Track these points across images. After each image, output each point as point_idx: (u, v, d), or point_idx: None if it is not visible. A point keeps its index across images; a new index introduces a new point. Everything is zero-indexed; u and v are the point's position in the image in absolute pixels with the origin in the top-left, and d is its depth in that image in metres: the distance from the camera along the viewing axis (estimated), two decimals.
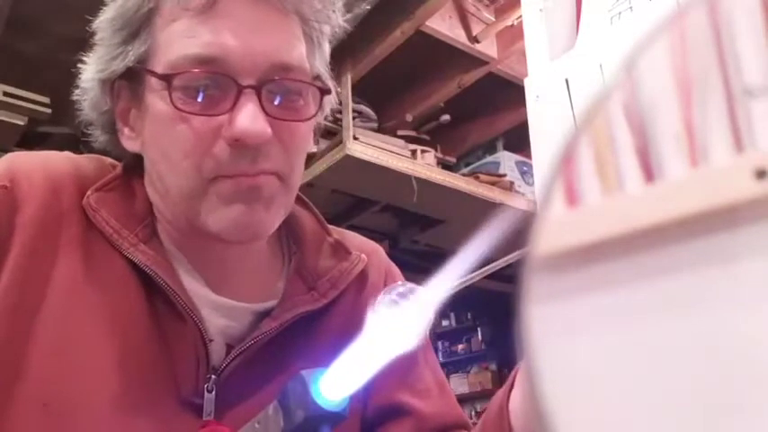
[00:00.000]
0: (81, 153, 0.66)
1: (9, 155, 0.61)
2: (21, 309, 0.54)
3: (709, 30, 0.22)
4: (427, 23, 2.18)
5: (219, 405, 0.56)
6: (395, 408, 0.66)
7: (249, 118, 0.52)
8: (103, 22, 0.58)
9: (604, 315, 0.22)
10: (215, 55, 0.52)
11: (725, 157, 0.21)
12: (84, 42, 0.61)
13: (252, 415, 0.46)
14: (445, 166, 2.65)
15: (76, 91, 0.61)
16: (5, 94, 2.08)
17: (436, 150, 2.62)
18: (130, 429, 0.53)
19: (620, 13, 0.97)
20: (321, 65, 0.61)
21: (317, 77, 0.60)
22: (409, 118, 2.65)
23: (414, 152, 2.43)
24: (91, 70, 0.59)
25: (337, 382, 0.42)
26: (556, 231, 0.23)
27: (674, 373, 0.20)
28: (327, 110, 0.63)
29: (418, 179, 2.28)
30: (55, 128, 2.35)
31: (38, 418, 0.52)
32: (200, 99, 0.53)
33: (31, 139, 2.29)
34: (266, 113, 0.53)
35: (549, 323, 0.22)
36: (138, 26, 0.56)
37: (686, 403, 0.20)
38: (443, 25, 2.28)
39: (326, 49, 0.62)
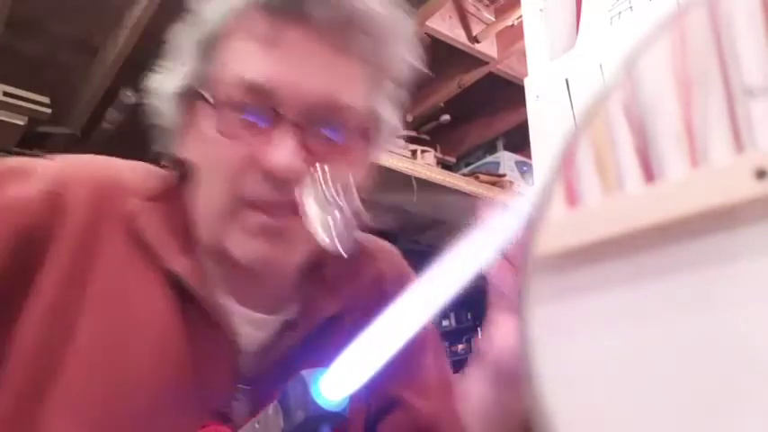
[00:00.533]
0: (81, 153, 0.67)
1: (58, 159, 0.61)
2: (60, 314, 0.54)
3: (709, 30, 0.22)
4: (427, 23, 2.18)
5: (246, 413, 0.57)
6: (393, 403, 0.66)
7: (283, 152, 0.53)
8: (179, 39, 0.59)
9: (604, 315, 0.22)
10: (264, 85, 0.53)
11: (725, 157, 0.21)
12: (84, 42, 0.61)
13: None
14: (445, 166, 2.65)
15: (147, 102, 0.62)
16: (5, 94, 2.08)
17: (436, 150, 2.62)
18: None
19: (620, 13, 0.97)
20: (385, 107, 0.60)
21: (375, 119, 0.60)
22: (409, 118, 2.64)
23: (414, 152, 2.43)
24: (161, 84, 0.60)
25: (337, 382, 0.42)
26: (556, 231, 0.23)
27: (673, 371, 0.20)
28: (387, 146, 0.63)
29: (418, 179, 2.28)
30: (55, 128, 2.35)
31: (68, 424, 0.52)
32: (242, 126, 0.54)
33: (31, 139, 2.29)
34: (306, 148, 0.54)
35: (549, 323, 0.22)
36: (207, 47, 0.57)
37: (685, 401, 0.20)
38: (443, 25, 2.28)
39: (395, 90, 0.61)
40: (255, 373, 0.59)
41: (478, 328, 5.43)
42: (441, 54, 2.36)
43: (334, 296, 0.64)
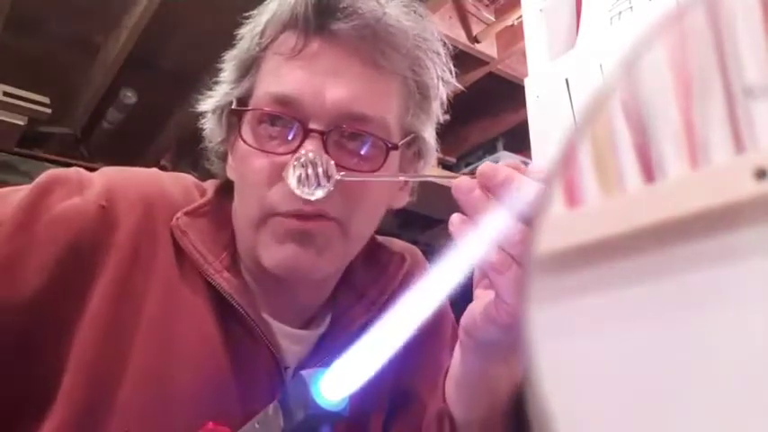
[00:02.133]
0: (81, 153, 0.67)
1: (103, 171, 0.62)
2: (116, 332, 0.54)
3: (709, 30, 0.22)
4: None
5: None
6: (404, 396, 0.66)
7: None
8: (226, 61, 0.62)
9: (604, 315, 0.22)
10: (291, 96, 0.55)
11: (725, 157, 0.21)
12: (84, 42, 0.63)
13: None
14: (445, 166, 2.65)
15: (201, 121, 0.64)
16: (5, 94, 2.08)
17: (436, 150, 2.62)
18: None
19: (620, 13, 0.97)
20: (417, 120, 0.61)
21: (410, 134, 0.60)
22: None
23: None
24: (210, 103, 0.63)
25: (337, 382, 0.42)
26: (556, 231, 0.23)
27: (674, 372, 0.20)
28: (424, 161, 0.65)
29: None
30: (55, 128, 2.35)
31: None
32: (271, 137, 0.56)
33: (31, 139, 2.29)
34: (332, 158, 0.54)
35: (550, 323, 0.22)
36: (246, 67, 0.59)
37: (687, 403, 0.20)
38: (443, 25, 2.27)
39: (430, 104, 0.62)
40: None
41: None
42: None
43: (363, 302, 0.64)
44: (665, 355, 0.21)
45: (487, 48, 2.41)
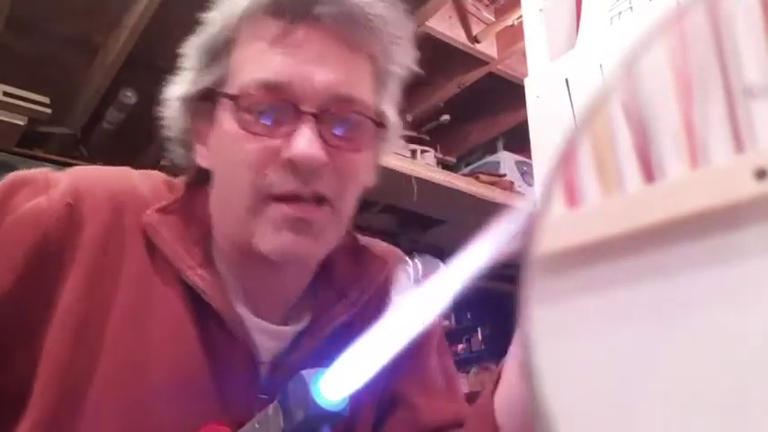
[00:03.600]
0: (81, 153, 0.67)
1: (71, 170, 0.62)
2: (87, 327, 0.54)
3: (709, 30, 0.22)
4: (427, 23, 2.17)
5: None
6: (397, 401, 0.66)
7: (305, 142, 0.54)
8: (190, 48, 0.61)
9: (604, 315, 0.22)
10: (281, 81, 0.55)
11: (725, 157, 0.21)
12: (84, 42, 0.62)
13: None
14: (445, 166, 2.65)
15: (159, 109, 0.63)
16: (5, 94, 2.08)
17: (436, 150, 2.62)
18: None
19: (620, 13, 0.97)
20: (387, 105, 0.63)
21: (381, 115, 0.61)
22: (409, 118, 2.64)
23: (413, 152, 2.43)
24: (175, 91, 0.62)
25: (337, 382, 0.42)
26: (556, 231, 0.23)
27: (673, 372, 0.20)
28: (393, 147, 0.66)
29: (418, 179, 2.28)
30: (55, 128, 2.34)
31: None
32: (262, 121, 0.56)
33: (31, 139, 2.29)
34: (323, 140, 0.55)
35: (550, 323, 0.22)
36: (217, 52, 0.59)
37: (686, 402, 0.20)
38: (443, 25, 2.27)
39: (395, 90, 0.64)
40: (272, 383, 0.59)
41: (478, 328, 5.43)
42: (441, 54, 2.36)
43: (344, 302, 0.64)
44: (665, 355, 0.21)
45: (487, 48, 2.41)
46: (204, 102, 0.60)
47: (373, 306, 0.66)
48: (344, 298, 0.64)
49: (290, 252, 0.56)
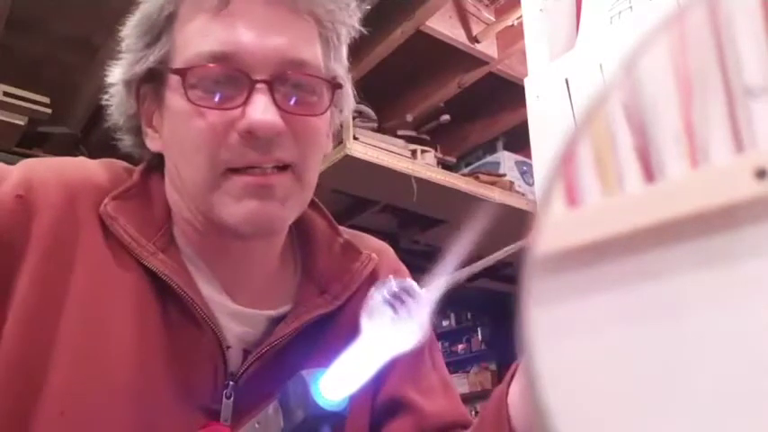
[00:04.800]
0: (81, 153, 0.67)
1: (24, 162, 0.61)
2: (40, 319, 0.54)
3: (709, 30, 0.22)
4: (427, 23, 2.17)
5: (237, 410, 0.57)
6: (398, 404, 0.66)
7: (260, 110, 0.53)
8: (128, 29, 0.60)
9: (604, 315, 0.22)
10: (228, 51, 0.54)
11: (725, 157, 0.21)
12: (84, 42, 0.62)
13: None
14: (445, 166, 2.65)
15: (104, 96, 0.62)
16: (5, 94, 2.08)
17: (436, 150, 2.61)
18: None
19: (620, 13, 0.97)
20: (338, 66, 0.62)
21: (334, 78, 0.61)
22: (409, 118, 2.64)
23: (414, 152, 2.43)
24: (117, 75, 0.61)
25: (337, 382, 0.42)
26: (556, 231, 0.23)
27: (673, 373, 0.20)
28: (346, 110, 0.65)
29: (418, 179, 2.28)
30: (55, 128, 2.35)
31: (55, 427, 0.52)
32: (214, 94, 0.55)
33: (31, 139, 2.29)
34: (279, 107, 0.54)
35: (550, 323, 0.22)
36: (158, 30, 0.58)
37: (686, 403, 0.20)
38: (443, 25, 2.27)
39: (343, 51, 0.63)
40: (246, 370, 0.58)
41: (478, 328, 5.43)
42: (441, 54, 2.36)
43: (325, 297, 0.64)
44: (665, 355, 0.21)
45: (487, 48, 2.41)
46: (150, 83, 0.59)
47: (359, 300, 0.65)
48: (325, 294, 0.64)
49: (257, 219, 0.55)
